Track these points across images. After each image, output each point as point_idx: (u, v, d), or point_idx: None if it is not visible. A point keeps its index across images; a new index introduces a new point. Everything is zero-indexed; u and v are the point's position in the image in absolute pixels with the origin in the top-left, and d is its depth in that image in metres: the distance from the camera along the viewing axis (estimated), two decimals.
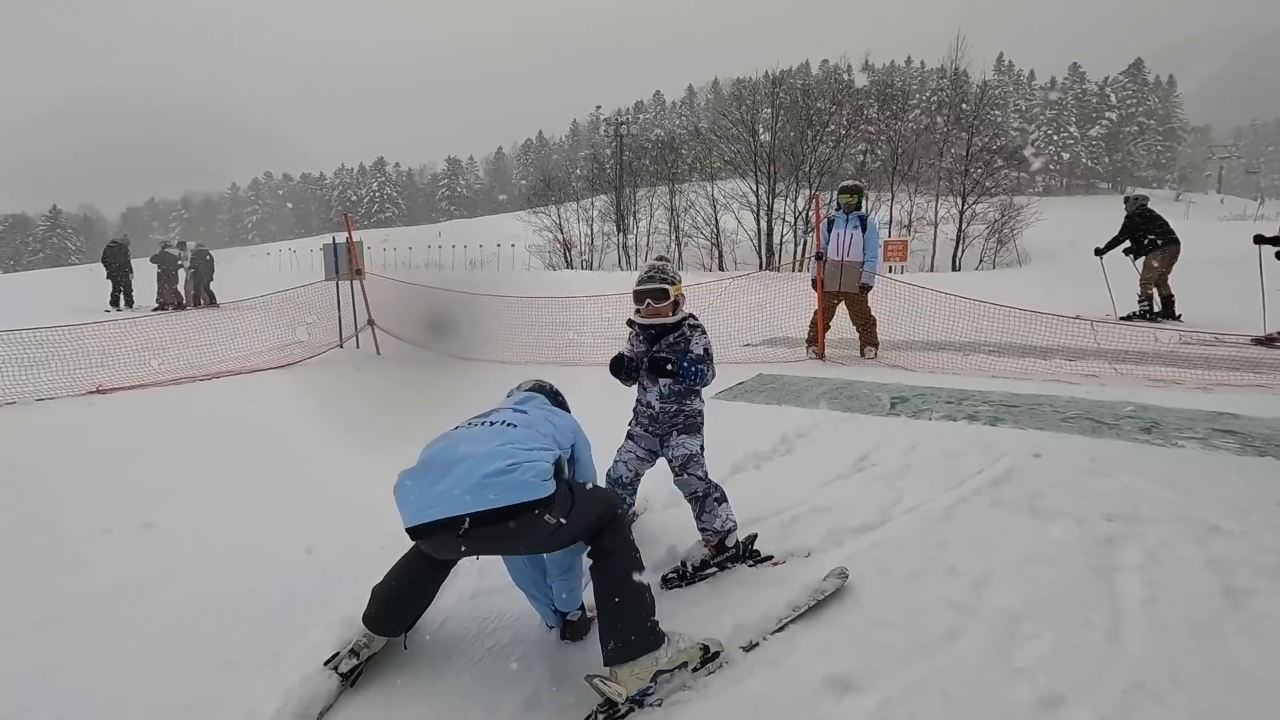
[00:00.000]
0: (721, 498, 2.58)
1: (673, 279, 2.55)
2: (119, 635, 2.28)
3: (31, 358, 6.54)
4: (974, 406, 4.56)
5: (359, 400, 5.99)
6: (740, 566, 2.56)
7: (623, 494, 2.68)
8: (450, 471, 1.79)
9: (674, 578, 2.49)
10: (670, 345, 2.55)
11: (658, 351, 2.54)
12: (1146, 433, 3.88)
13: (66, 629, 2.34)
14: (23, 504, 3.50)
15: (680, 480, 2.58)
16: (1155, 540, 2.59)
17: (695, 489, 2.55)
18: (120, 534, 3.07)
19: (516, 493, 1.75)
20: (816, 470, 3.50)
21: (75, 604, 2.48)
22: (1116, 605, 2.20)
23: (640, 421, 2.68)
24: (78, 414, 5.31)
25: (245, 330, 7.99)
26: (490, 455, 1.80)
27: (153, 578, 2.67)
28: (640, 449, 2.67)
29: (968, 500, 3.04)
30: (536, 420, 2.09)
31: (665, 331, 2.56)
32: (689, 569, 2.51)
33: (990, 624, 2.12)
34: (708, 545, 2.56)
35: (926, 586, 2.34)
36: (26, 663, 2.15)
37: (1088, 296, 8.95)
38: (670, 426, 2.61)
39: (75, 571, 2.74)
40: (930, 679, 1.88)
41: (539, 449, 1.91)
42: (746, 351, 7.14)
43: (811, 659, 1.98)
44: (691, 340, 2.55)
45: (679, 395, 2.59)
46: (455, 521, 1.75)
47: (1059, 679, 1.86)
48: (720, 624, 2.15)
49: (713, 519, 2.54)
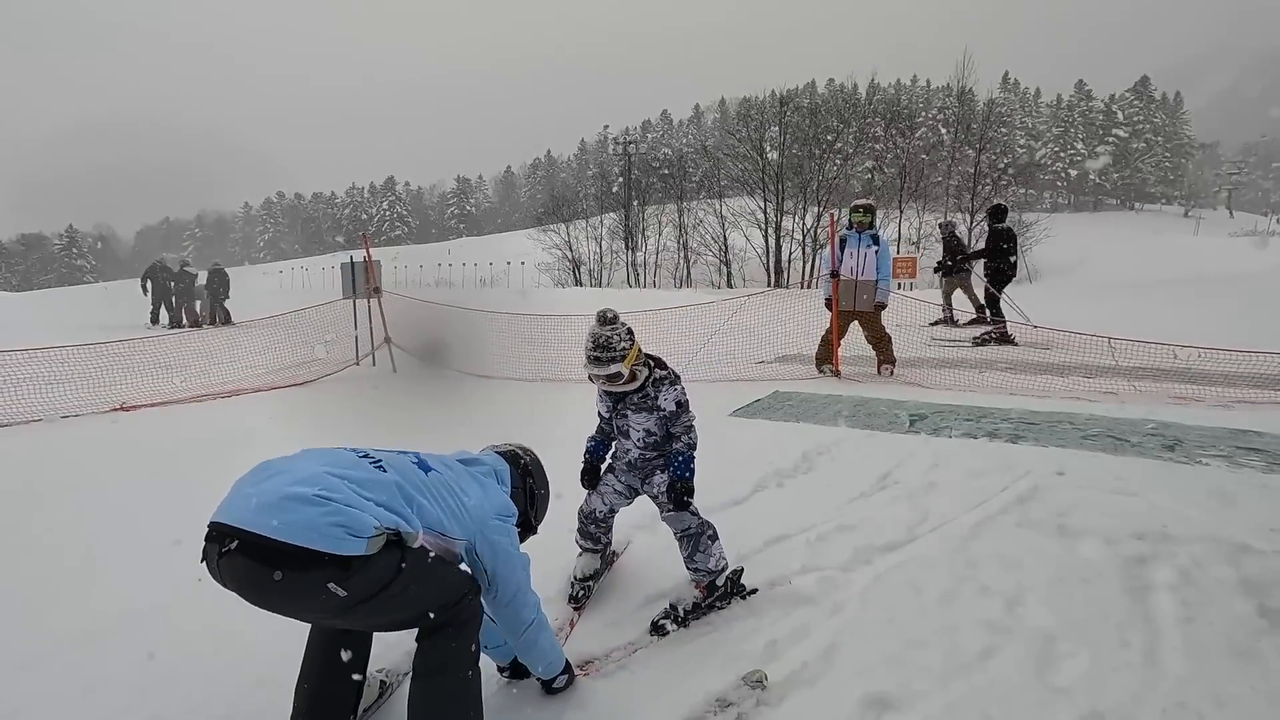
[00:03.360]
0: (714, 535, 2.43)
1: (622, 352, 2.25)
2: (156, 653, 2.30)
3: (54, 375, 6.63)
4: (993, 424, 4.56)
5: (377, 418, 6.04)
6: (733, 603, 2.44)
7: (597, 531, 2.58)
8: (267, 480, 1.49)
9: (665, 622, 2.31)
10: (635, 404, 2.39)
11: (623, 409, 2.42)
12: (1170, 450, 3.86)
13: (102, 647, 2.36)
14: (53, 522, 3.54)
15: (670, 516, 2.41)
16: (1187, 560, 2.58)
17: (688, 525, 2.38)
18: (152, 551, 3.09)
19: (301, 533, 1.37)
20: (839, 488, 3.50)
21: (111, 621, 2.50)
22: (1153, 625, 2.19)
23: (620, 465, 2.56)
24: (103, 431, 5.38)
25: (264, 348, 8.08)
26: (309, 479, 1.46)
27: (186, 595, 2.69)
28: (620, 483, 2.55)
29: (994, 519, 3.04)
30: (434, 484, 1.71)
31: (629, 392, 2.38)
32: (681, 613, 2.34)
33: (1026, 644, 2.12)
34: (698, 586, 2.41)
35: (960, 606, 2.34)
36: (63, 682, 2.17)
37: (1099, 314, 8.94)
38: (653, 468, 2.48)
39: (109, 588, 2.77)
40: (970, 699, 1.88)
41: (384, 506, 1.52)
42: (760, 369, 7.16)
43: (849, 678, 1.98)
44: (659, 396, 2.36)
45: (659, 442, 2.44)
46: (226, 533, 1.43)
47: (1099, 699, 1.85)
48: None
49: (706, 558, 2.38)
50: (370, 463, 1.62)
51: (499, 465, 2.03)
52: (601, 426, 2.60)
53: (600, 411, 2.56)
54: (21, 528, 3.45)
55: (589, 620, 2.44)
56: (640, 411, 2.40)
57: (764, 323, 8.20)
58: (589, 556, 2.61)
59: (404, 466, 1.69)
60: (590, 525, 2.58)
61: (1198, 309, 8.43)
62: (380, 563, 1.46)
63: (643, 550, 2.89)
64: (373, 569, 1.45)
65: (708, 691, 1.95)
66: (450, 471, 1.82)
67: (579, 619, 2.44)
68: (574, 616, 2.45)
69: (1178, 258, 22.70)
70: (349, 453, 1.64)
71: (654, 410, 2.38)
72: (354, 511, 1.44)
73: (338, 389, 7.05)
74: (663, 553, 2.70)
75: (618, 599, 2.55)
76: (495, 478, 1.96)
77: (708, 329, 7.57)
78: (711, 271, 32.60)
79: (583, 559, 2.61)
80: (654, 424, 2.40)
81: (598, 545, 2.61)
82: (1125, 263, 22.95)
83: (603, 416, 2.56)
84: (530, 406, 5.90)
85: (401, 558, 1.52)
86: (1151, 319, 8.52)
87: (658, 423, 2.40)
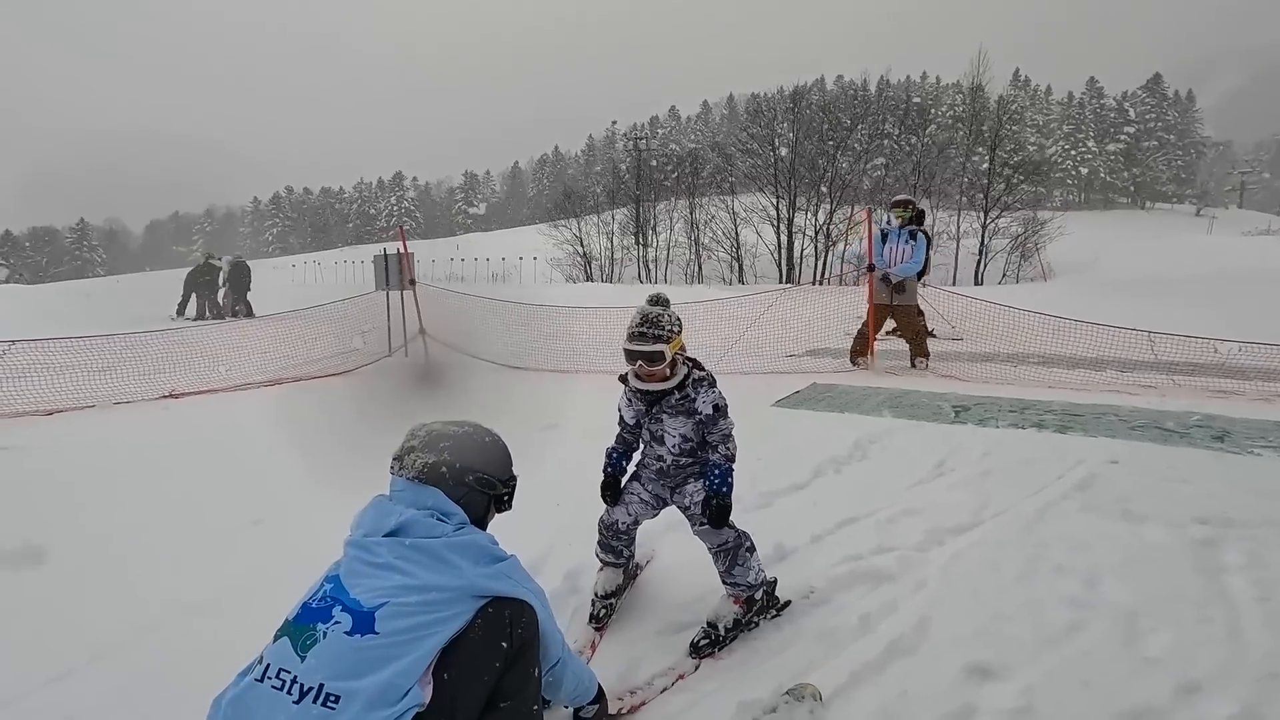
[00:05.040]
0: (752, 547, 2.24)
1: (669, 333, 2.13)
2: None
3: (99, 364, 6.77)
4: (1038, 415, 4.63)
5: (417, 406, 6.14)
6: (764, 618, 2.30)
7: (619, 544, 2.38)
8: None
9: (706, 644, 2.15)
10: (673, 407, 2.24)
11: (658, 413, 2.26)
12: (1219, 441, 3.93)
13: (176, 631, 2.36)
14: (128, 504, 3.64)
15: (703, 531, 2.21)
16: (1254, 543, 2.65)
17: (726, 539, 2.19)
18: (231, 530, 3.19)
19: None
20: (897, 474, 3.58)
21: (210, 594, 2.59)
22: (1230, 603, 2.27)
23: (648, 473, 2.38)
24: (156, 416, 5.51)
25: (304, 339, 8.21)
26: None
27: (277, 573, 2.78)
28: (647, 493, 2.35)
29: (1056, 504, 3.11)
30: (393, 617, 1.36)
31: (666, 392, 2.24)
32: (722, 631, 2.17)
33: (1110, 619, 2.20)
34: (737, 601, 2.22)
35: (1039, 583, 2.42)
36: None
37: (1122, 310, 8.96)
38: (686, 476, 2.30)
39: (203, 567, 2.86)
40: (1066, 668, 1.97)
41: None
42: (790, 362, 7.23)
43: (947, 649, 2.06)
44: (697, 399, 2.21)
45: (695, 449, 2.27)
46: None
47: (1192, 669, 1.94)
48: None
49: (745, 572, 2.20)
50: (318, 703, 1.27)
51: (424, 503, 1.56)
52: (623, 435, 2.42)
53: (624, 418, 2.39)
54: (96, 511, 3.56)
55: (612, 641, 2.26)
56: (678, 415, 2.24)
57: (788, 317, 8.29)
58: (610, 571, 2.40)
59: (348, 661, 1.32)
60: (612, 538, 2.36)
61: (1224, 305, 8.46)
62: None
63: (667, 565, 2.69)
64: None
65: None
66: (399, 579, 1.42)
67: (600, 640, 2.27)
68: (595, 638, 2.26)
69: (1193, 256, 22.62)
70: (290, 707, 1.28)
71: (692, 414, 2.23)
72: None
73: (376, 379, 7.16)
74: (689, 564, 2.51)
75: (643, 617, 2.38)
76: (440, 519, 1.55)
77: (731, 324, 7.68)
78: (723, 268, 32.60)
79: (604, 574, 2.40)
80: (691, 429, 2.25)
81: (620, 559, 2.39)
82: (1140, 260, 22.85)
83: (626, 424, 2.40)
84: (568, 397, 5.99)
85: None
86: (1178, 315, 8.55)
87: (695, 428, 2.25)
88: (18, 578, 2.77)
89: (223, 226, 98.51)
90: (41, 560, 2.90)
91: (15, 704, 1.98)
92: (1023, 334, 6.95)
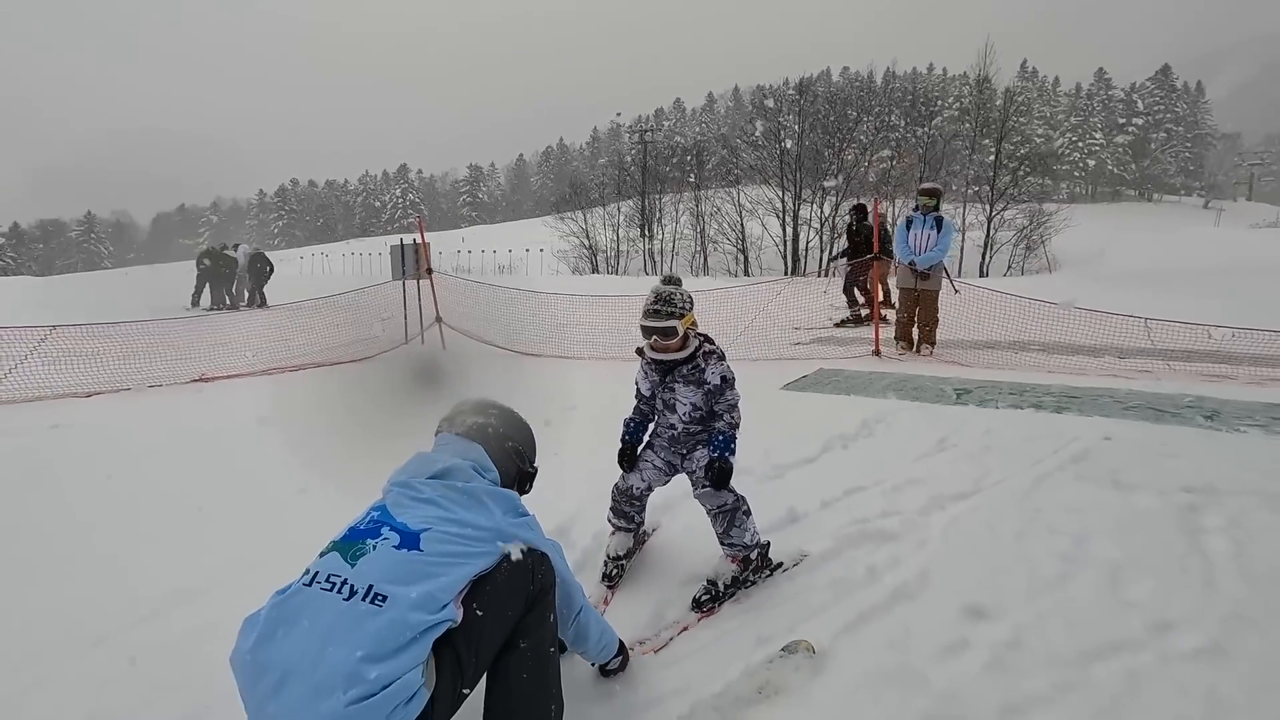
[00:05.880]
0: (749, 511, 2.42)
1: (681, 310, 2.35)
2: None
3: (127, 350, 7.01)
4: (1037, 397, 4.82)
5: (438, 390, 6.37)
6: (760, 577, 2.48)
7: (631, 510, 2.59)
8: (280, 690, 1.32)
9: (706, 599, 2.34)
10: (685, 376, 2.44)
11: (671, 381, 2.46)
12: (1209, 420, 4.12)
13: (244, 585, 2.60)
14: (186, 476, 3.89)
15: (706, 493, 2.39)
16: (1234, 509, 2.85)
17: (725, 502, 2.37)
18: (287, 499, 3.41)
19: None
20: (902, 449, 3.79)
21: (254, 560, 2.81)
22: (1207, 558, 2.47)
23: (660, 441, 2.58)
24: (193, 399, 5.76)
25: (325, 327, 8.45)
26: (328, 681, 1.29)
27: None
28: (660, 460, 2.55)
29: (1051, 475, 3.32)
30: (434, 554, 1.50)
31: (678, 363, 2.44)
32: (721, 588, 2.36)
33: (1096, 571, 2.41)
34: (734, 560, 2.41)
35: (1033, 542, 2.63)
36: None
37: (1127, 300, 9.12)
38: (695, 443, 2.51)
39: (262, 530, 3.09)
40: (1054, 610, 2.18)
41: (411, 648, 1.37)
42: (798, 349, 7.43)
43: (946, 595, 2.28)
44: (706, 370, 2.41)
45: (704, 418, 2.47)
46: None
47: (1166, 611, 2.15)
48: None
49: (742, 534, 2.38)
50: (372, 599, 1.39)
51: (469, 455, 1.75)
52: (639, 407, 2.61)
53: (641, 390, 2.59)
54: (158, 482, 3.80)
55: (623, 598, 2.45)
56: (689, 384, 2.43)
57: (794, 308, 8.50)
58: (622, 535, 2.60)
59: (398, 569, 1.45)
60: (625, 504, 2.57)
61: (1224, 296, 8.61)
62: (446, 672, 1.43)
63: (670, 533, 2.92)
64: (441, 685, 1.42)
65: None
66: (440, 512, 1.58)
67: (612, 597, 2.46)
68: (607, 595, 2.46)
69: (1199, 248, 22.69)
70: (334, 596, 1.41)
71: (701, 384, 2.41)
72: (400, 681, 1.33)
73: (398, 364, 7.40)
74: (690, 534, 2.75)
75: (651, 578, 2.58)
76: (478, 473, 1.72)
77: (739, 313, 7.85)
78: (729, 260, 32.76)
79: (616, 537, 2.60)
80: (700, 398, 2.43)
81: (631, 524, 2.61)
82: (1146, 252, 22.95)
83: (643, 396, 2.59)
84: (582, 382, 6.20)
85: (454, 641, 1.46)
86: (1178, 305, 8.70)
87: (704, 397, 2.43)
88: (98, 542, 3.01)
89: (228, 219, 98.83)
90: (121, 523, 3.14)
91: (111, 639, 2.22)
92: (1024, 322, 7.13)
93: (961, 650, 2.01)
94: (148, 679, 2.03)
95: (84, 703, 1.92)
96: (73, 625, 2.28)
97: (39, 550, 2.93)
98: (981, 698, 1.82)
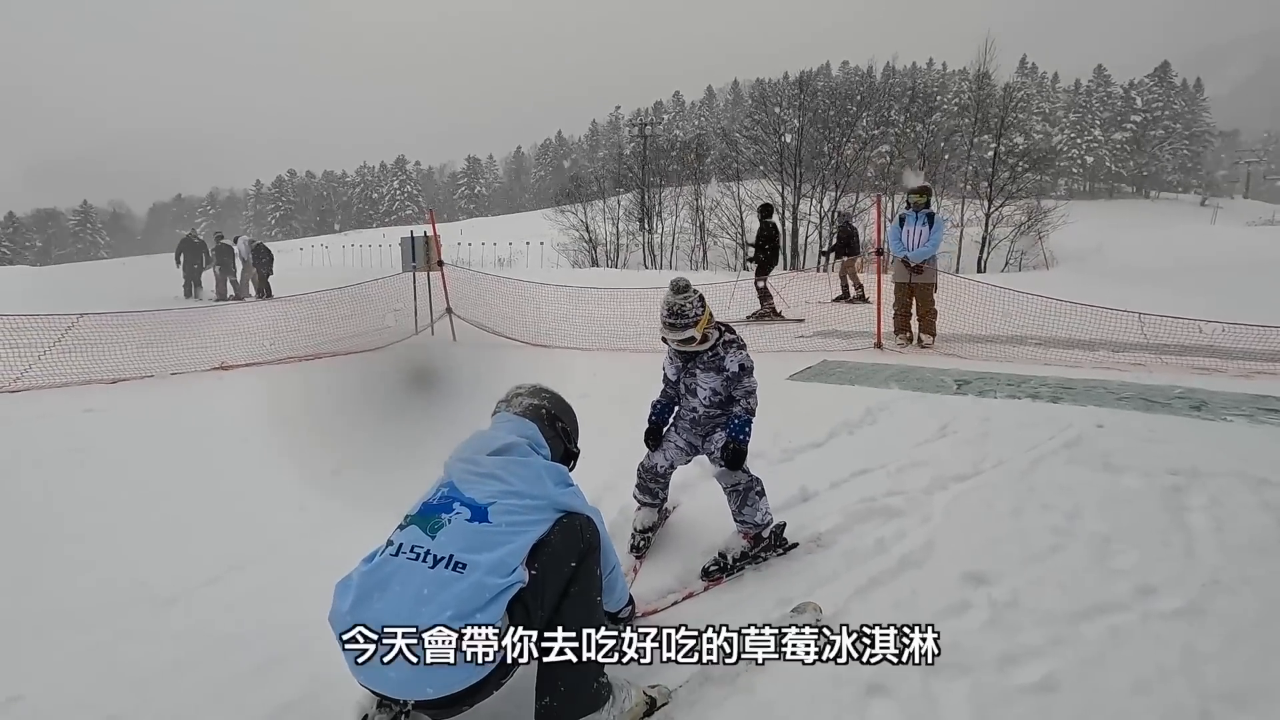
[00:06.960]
0: (762, 491, 2.61)
1: (694, 318, 2.52)
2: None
3: (143, 339, 7.17)
4: (1033, 388, 5.03)
5: (451, 382, 6.55)
6: (772, 555, 2.64)
7: (655, 486, 2.78)
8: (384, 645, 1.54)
9: (715, 570, 2.54)
10: (705, 363, 2.63)
11: (692, 368, 2.65)
12: (1197, 410, 4.33)
13: (304, 549, 2.77)
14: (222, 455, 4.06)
15: (722, 473, 2.59)
16: (1216, 489, 3.06)
17: (739, 481, 2.57)
18: (319, 479, 3.59)
19: (460, 678, 1.54)
20: (905, 435, 3.99)
21: (310, 527, 3.00)
22: (1189, 532, 2.68)
23: (683, 424, 2.77)
24: (215, 386, 5.93)
25: (338, 317, 8.61)
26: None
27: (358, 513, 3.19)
28: (682, 440, 2.74)
29: (1046, 459, 3.52)
30: (501, 512, 1.73)
31: (700, 351, 2.62)
32: (730, 560, 2.56)
33: (1086, 542, 2.62)
34: (746, 537, 2.60)
35: (1028, 517, 2.84)
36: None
37: (1123, 295, 9.34)
38: (714, 426, 2.69)
39: (302, 507, 3.27)
40: (1047, 575, 2.39)
41: (489, 607, 1.58)
42: (800, 341, 7.63)
43: (948, 563, 2.48)
44: (725, 358, 2.59)
45: (723, 402, 2.65)
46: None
47: (1150, 577, 2.35)
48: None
49: (754, 512, 2.57)
50: (453, 566, 1.61)
51: (525, 432, 1.96)
52: (666, 390, 2.79)
53: (668, 374, 2.76)
54: (200, 461, 3.98)
55: (650, 567, 2.68)
56: (709, 371, 2.61)
57: (797, 302, 8.68)
58: (647, 510, 2.83)
59: (472, 540, 1.66)
60: (650, 481, 2.78)
61: (1218, 293, 8.83)
62: (518, 615, 1.65)
63: (690, 511, 3.13)
64: (518, 621, 1.65)
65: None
66: (502, 486, 1.78)
67: (641, 566, 2.70)
68: (636, 564, 2.70)
69: (1196, 245, 22.92)
70: (420, 566, 1.62)
71: (720, 371, 2.59)
72: (485, 629, 1.55)
73: (408, 354, 7.57)
74: (709, 512, 2.94)
75: (674, 550, 2.78)
76: (533, 449, 1.93)
77: (740, 312, 8.02)
78: (728, 254, 32.89)
79: (642, 512, 2.82)
80: (719, 384, 2.61)
81: (655, 500, 2.82)
82: (1143, 249, 23.18)
83: (669, 380, 2.76)
84: (590, 371, 6.38)
85: (524, 597, 1.67)
86: (1171, 302, 8.92)
87: (723, 383, 2.60)
88: (152, 514, 3.19)
89: (225, 210, 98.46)
90: (164, 499, 3.32)
91: (182, 599, 2.41)
92: (1021, 317, 7.34)
93: (963, 610, 2.21)
94: (218, 634, 2.22)
95: (169, 651, 2.11)
96: (146, 587, 2.47)
97: (107, 518, 3.14)
98: (982, 649, 2.02)
